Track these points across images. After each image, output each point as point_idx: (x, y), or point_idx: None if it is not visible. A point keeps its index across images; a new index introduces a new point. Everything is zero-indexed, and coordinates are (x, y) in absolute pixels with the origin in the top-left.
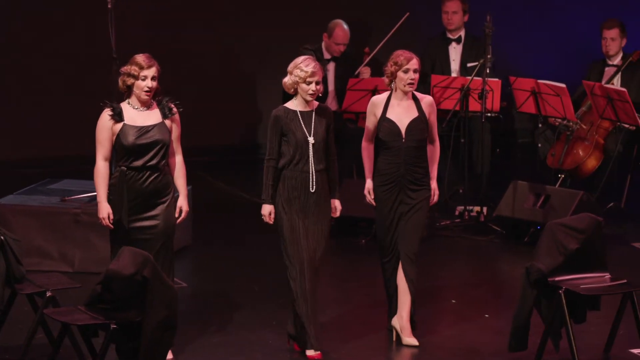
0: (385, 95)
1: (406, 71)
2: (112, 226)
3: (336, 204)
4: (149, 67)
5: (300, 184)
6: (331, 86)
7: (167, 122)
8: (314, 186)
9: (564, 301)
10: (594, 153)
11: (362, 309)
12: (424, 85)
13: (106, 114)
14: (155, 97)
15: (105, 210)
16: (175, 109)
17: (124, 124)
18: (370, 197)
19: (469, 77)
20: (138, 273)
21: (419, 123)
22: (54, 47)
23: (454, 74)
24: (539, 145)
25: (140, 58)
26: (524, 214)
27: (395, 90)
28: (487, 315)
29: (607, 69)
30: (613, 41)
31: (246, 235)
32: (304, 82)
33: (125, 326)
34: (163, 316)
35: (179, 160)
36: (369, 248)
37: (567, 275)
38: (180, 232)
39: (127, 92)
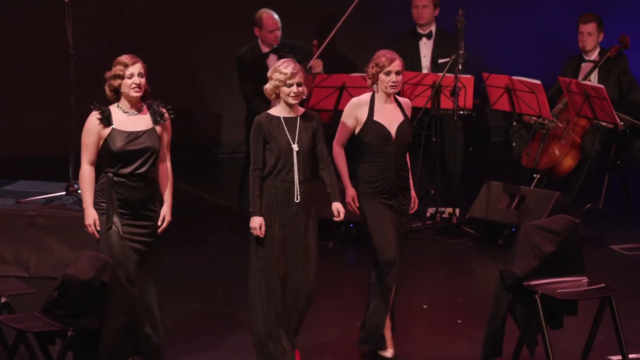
0: (367, 96)
1: (388, 73)
2: (97, 235)
3: (338, 206)
4: (134, 63)
5: (282, 194)
6: None
7: (158, 128)
8: (299, 197)
9: (539, 306)
10: (570, 152)
11: (329, 313)
12: None
13: (94, 117)
14: (146, 101)
15: (91, 216)
16: (167, 115)
17: (113, 129)
18: (354, 205)
19: (441, 74)
20: (97, 278)
21: (407, 127)
22: (6, 43)
23: (424, 71)
24: (514, 144)
25: (123, 57)
26: (498, 216)
27: (378, 92)
28: (459, 321)
29: (583, 64)
30: (590, 36)
31: (209, 235)
32: (284, 84)
33: (84, 333)
34: (123, 323)
35: (166, 167)
36: (336, 251)
37: (543, 280)
38: None
39: (116, 96)
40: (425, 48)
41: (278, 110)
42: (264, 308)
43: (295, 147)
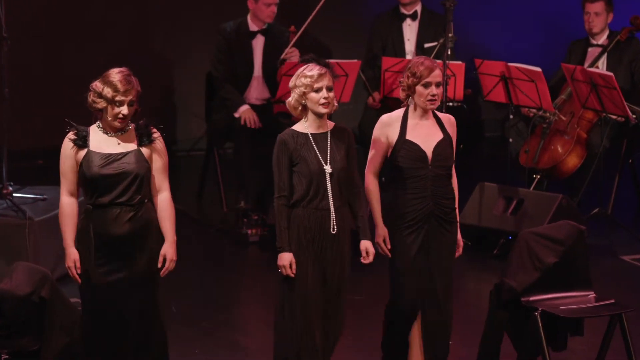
0: (398, 113)
1: (427, 85)
2: (79, 279)
3: (367, 245)
4: (126, 91)
5: (316, 224)
6: (258, 66)
7: (145, 150)
8: (335, 227)
9: (540, 325)
10: (575, 149)
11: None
12: (373, 70)
13: (68, 138)
14: (134, 121)
15: (71, 257)
16: (156, 134)
17: (89, 151)
18: (385, 247)
19: None
20: (35, 293)
21: (446, 146)
22: None
23: (408, 56)
24: (510, 140)
25: (116, 77)
26: (492, 222)
27: (414, 108)
28: (450, 342)
29: (590, 49)
30: (597, 16)
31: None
32: (312, 89)
33: (20, 355)
34: (64, 344)
35: (164, 198)
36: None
37: (544, 295)
38: None
39: (98, 112)
40: (410, 30)
41: (304, 126)
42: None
43: (327, 168)
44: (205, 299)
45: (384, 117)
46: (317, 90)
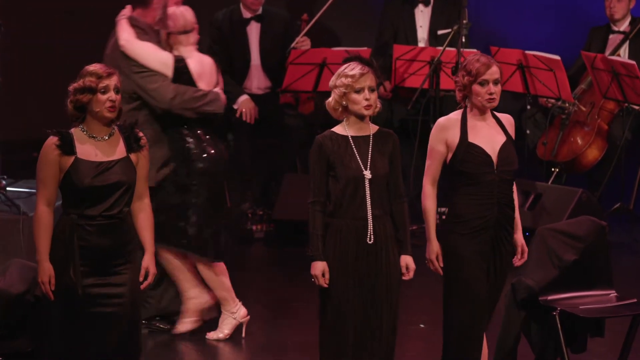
0: (456, 115)
1: (483, 83)
2: (52, 296)
3: (408, 261)
4: (109, 75)
5: (353, 234)
6: (255, 54)
7: (134, 156)
8: (373, 237)
9: (559, 325)
10: (595, 141)
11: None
12: (384, 58)
13: (51, 143)
14: (116, 122)
15: (46, 272)
16: (144, 140)
17: (76, 158)
18: (437, 265)
19: (440, 48)
20: (29, 292)
21: (511, 149)
22: None
23: (421, 44)
24: (528, 131)
25: (94, 67)
26: None
27: (471, 110)
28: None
29: (611, 36)
30: (619, 2)
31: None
32: (353, 90)
33: (14, 357)
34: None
35: (145, 206)
36: None
37: (563, 294)
38: None
39: (80, 115)
40: (422, 17)
41: (345, 128)
42: None
43: (367, 173)
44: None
45: (441, 120)
46: (359, 91)
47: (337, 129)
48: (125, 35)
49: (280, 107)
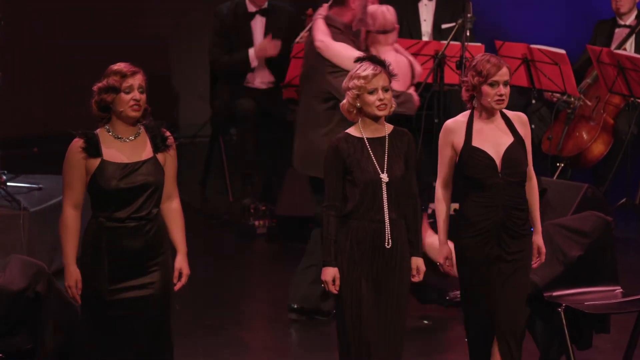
0: (462, 116)
1: (493, 84)
2: (79, 300)
3: (418, 263)
4: (133, 74)
5: (370, 237)
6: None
7: (160, 156)
8: (390, 241)
9: (564, 322)
10: (600, 136)
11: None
12: None
13: (77, 145)
14: (142, 121)
15: (73, 276)
16: (171, 139)
17: (103, 161)
18: (447, 267)
19: (444, 42)
20: (30, 288)
21: (518, 150)
22: None
23: (425, 38)
24: (533, 126)
25: (118, 66)
26: None
27: (479, 111)
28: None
29: (617, 30)
30: None
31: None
32: (366, 91)
33: (13, 355)
34: (60, 343)
35: (175, 206)
36: None
37: (568, 290)
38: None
39: (105, 116)
40: (426, 10)
41: (360, 130)
42: None
43: (384, 177)
44: (208, 295)
45: (448, 123)
46: (372, 92)
47: (352, 131)
48: (320, 36)
49: (283, 102)
